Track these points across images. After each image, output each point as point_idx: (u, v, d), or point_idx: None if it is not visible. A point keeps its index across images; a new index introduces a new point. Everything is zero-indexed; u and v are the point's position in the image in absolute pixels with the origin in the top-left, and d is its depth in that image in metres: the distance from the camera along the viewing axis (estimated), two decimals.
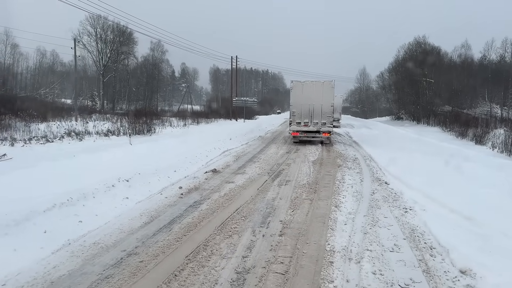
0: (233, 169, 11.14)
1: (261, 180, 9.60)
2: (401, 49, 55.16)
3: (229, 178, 9.71)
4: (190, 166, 10.86)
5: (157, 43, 67.73)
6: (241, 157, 13.55)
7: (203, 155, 12.82)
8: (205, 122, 38.60)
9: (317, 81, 17.88)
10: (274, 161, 12.89)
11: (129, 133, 15.79)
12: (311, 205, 7.23)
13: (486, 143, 22.71)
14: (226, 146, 15.67)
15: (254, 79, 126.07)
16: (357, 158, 13.91)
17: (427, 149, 16.88)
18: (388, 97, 65.16)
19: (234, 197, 7.75)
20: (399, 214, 6.85)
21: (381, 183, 9.58)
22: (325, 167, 11.72)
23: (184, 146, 14.54)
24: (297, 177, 10.08)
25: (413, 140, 21.54)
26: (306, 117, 17.84)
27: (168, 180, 9.03)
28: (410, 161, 13.12)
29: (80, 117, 32.50)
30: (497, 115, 50.76)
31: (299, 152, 15.33)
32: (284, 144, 18.29)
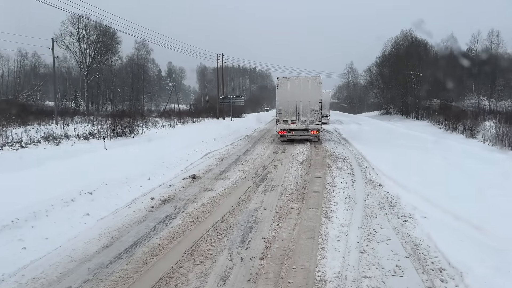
0: (215, 173, 10.24)
1: (245, 186, 8.72)
2: (388, 43, 54.68)
3: (209, 185, 8.81)
4: (167, 172, 9.92)
5: (141, 43, 66.36)
6: (225, 160, 12.64)
7: (183, 158, 11.88)
8: (191, 122, 37.59)
9: (304, 77, 17.03)
10: (260, 163, 12.02)
11: (104, 137, 14.76)
12: (298, 216, 6.36)
13: (476, 136, 22.20)
14: (210, 148, 14.75)
15: (242, 76, 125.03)
16: (348, 157, 13.10)
17: (419, 145, 16.19)
18: (376, 92, 64.71)
19: (212, 209, 6.85)
20: (398, 223, 6.02)
21: (375, 185, 8.77)
22: (314, 168, 10.88)
23: (164, 149, 13.58)
24: (284, 181, 9.22)
25: (404, 136, 20.86)
26: (293, 114, 16.99)
27: (140, 190, 8.09)
28: (404, 159, 12.37)
29: (61, 120, 31.28)
30: (484, 107, 50.59)
31: (287, 152, 14.48)
32: (271, 144, 17.43)
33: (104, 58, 60.40)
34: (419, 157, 12.76)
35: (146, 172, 9.36)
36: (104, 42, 58.95)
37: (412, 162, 11.61)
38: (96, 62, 59.24)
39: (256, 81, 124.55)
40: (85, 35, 57.98)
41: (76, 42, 57.64)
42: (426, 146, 15.87)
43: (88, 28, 57.82)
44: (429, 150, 14.75)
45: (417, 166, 10.85)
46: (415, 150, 14.42)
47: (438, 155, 13.26)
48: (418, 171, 10.09)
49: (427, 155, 13.34)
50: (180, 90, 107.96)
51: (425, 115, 41.51)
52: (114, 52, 61.99)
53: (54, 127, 26.32)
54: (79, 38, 57.67)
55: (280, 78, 17.11)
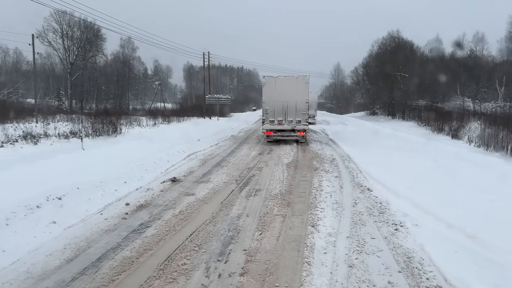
0: (197, 176, 9.76)
1: (227, 190, 8.27)
2: (375, 43, 54.80)
3: (190, 189, 8.33)
4: (146, 175, 9.40)
5: (127, 40, 65.21)
6: (208, 161, 12.17)
7: (164, 160, 11.37)
8: (176, 121, 36.94)
9: (291, 76, 16.65)
10: (245, 164, 11.58)
11: (81, 136, 14.12)
12: (283, 224, 5.95)
13: (462, 138, 22.20)
14: (193, 149, 14.24)
15: (229, 76, 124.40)
16: (335, 159, 12.76)
17: (407, 146, 15.97)
18: (363, 92, 64.83)
19: (190, 216, 6.38)
20: (389, 232, 5.66)
21: (363, 189, 8.42)
22: (300, 171, 10.49)
23: (145, 149, 13.05)
24: (269, 184, 8.80)
25: (391, 137, 20.68)
26: (280, 114, 16.59)
27: (114, 195, 7.57)
28: (392, 161, 12.08)
29: (43, 118, 30.37)
30: (469, 109, 51.05)
31: (273, 153, 14.07)
32: (257, 144, 17.00)
33: (88, 55, 59.07)
34: (407, 159, 12.49)
35: (123, 175, 8.83)
36: (88, 39, 57.65)
37: (400, 165, 11.31)
38: (80, 59, 57.89)
39: (243, 81, 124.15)
40: (68, 32, 56.58)
41: (60, 38, 56.20)
42: (413, 148, 15.66)
43: (72, 25, 56.40)
44: (417, 151, 14.53)
45: (406, 169, 10.55)
46: (403, 152, 14.19)
47: (426, 157, 13.03)
48: (407, 174, 9.78)
49: (415, 157, 13.10)
50: (167, 88, 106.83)
51: (411, 116, 41.64)
52: (99, 49, 60.71)
53: (34, 126, 25.51)
54: (62, 35, 56.20)
55: (267, 77, 16.70)
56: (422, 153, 14.20)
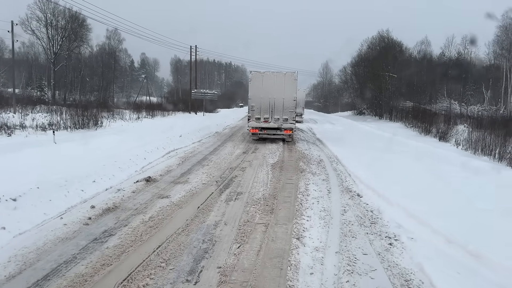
0: (174, 176, 9.05)
1: (206, 192, 7.59)
2: (364, 42, 54.51)
3: (165, 191, 7.63)
4: (118, 174, 8.65)
5: (113, 31, 63.63)
6: (189, 159, 11.46)
7: (141, 157, 10.61)
8: (161, 115, 36.06)
9: (279, 73, 16.01)
10: (227, 164, 10.91)
11: (53, 129, 13.24)
12: (265, 235, 5.31)
13: (449, 140, 21.96)
14: (174, 145, 13.50)
15: (217, 71, 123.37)
16: (322, 160, 12.19)
17: (396, 148, 15.50)
18: (351, 92, 64.65)
19: (161, 223, 5.70)
20: (382, 247, 5.07)
21: (352, 195, 7.84)
22: (286, 173, 9.88)
23: (122, 144, 12.28)
24: (252, 187, 8.15)
25: (379, 138, 20.25)
26: (266, 112, 15.95)
27: (80, 196, 6.82)
28: (381, 164, 11.55)
29: (22, 109, 29.21)
30: (455, 111, 51.28)
31: (258, 152, 13.43)
32: (242, 142, 16.34)
33: (72, 45, 57.35)
34: (397, 162, 11.99)
35: (93, 173, 8.07)
36: (73, 29, 55.95)
37: (390, 168, 10.79)
38: (64, 49, 56.16)
39: (231, 76, 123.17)
40: (53, 21, 54.81)
41: (44, 27, 54.42)
42: (402, 150, 15.19)
43: (56, 14, 54.65)
44: (406, 154, 14.06)
45: (397, 173, 10.03)
46: (392, 154, 13.70)
47: (416, 160, 12.57)
48: (399, 179, 9.25)
49: (404, 160, 12.62)
50: (153, 82, 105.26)
51: (398, 117, 41.49)
52: (84, 39, 59.01)
53: (12, 116, 24.45)
54: (46, 24, 54.43)
55: (254, 72, 16.03)
56: (411, 155, 13.73)
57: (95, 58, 64.80)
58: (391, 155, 13.55)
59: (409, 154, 14.20)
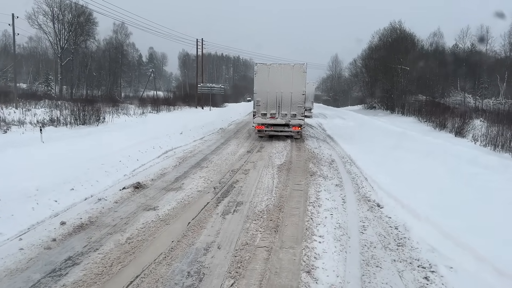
0: (167, 181, 8.01)
1: (201, 203, 6.54)
2: (376, 34, 52.84)
3: (153, 200, 6.59)
4: (103, 179, 7.64)
5: (120, 25, 62.89)
6: (187, 160, 10.42)
7: (133, 158, 9.59)
8: (167, 110, 35.22)
9: (286, 64, 14.84)
10: (229, 166, 9.85)
11: (40, 127, 12.28)
12: (266, 265, 4.24)
13: (466, 135, 20.69)
14: (173, 144, 12.48)
15: (225, 65, 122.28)
16: (334, 161, 11.06)
17: (413, 146, 14.26)
18: (361, 85, 63.04)
19: (140, 247, 4.65)
20: (417, 284, 3.97)
21: (371, 205, 6.73)
22: (294, 176, 8.78)
23: (117, 143, 11.26)
24: (254, 195, 7.08)
25: (393, 134, 18.99)
26: (273, 107, 14.84)
27: (51, 209, 5.81)
28: (400, 165, 10.39)
29: (26, 104, 28.60)
30: (469, 105, 49.54)
31: (263, 152, 12.35)
32: (247, 140, 15.26)
33: (79, 40, 56.69)
34: (416, 163, 10.83)
35: (73, 179, 7.06)
36: (80, 23, 55.28)
37: (411, 170, 9.63)
38: (71, 44, 55.56)
39: (239, 71, 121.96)
40: (59, 15, 54.16)
41: (50, 22, 53.87)
42: (420, 148, 13.97)
43: (62, 8, 54.00)
44: (425, 153, 12.86)
45: (419, 176, 8.87)
46: (410, 154, 12.51)
47: (437, 160, 11.39)
48: (422, 183, 8.11)
49: (425, 160, 11.44)
50: (161, 76, 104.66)
51: (411, 111, 40.05)
52: (90, 34, 58.32)
53: (13, 111, 23.79)
54: (53, 18, 53.86)
55: (259, 64, 14.90)
56: (430, 154, 12.53)
57: (102, 52, 64.19)
58: (409, 154, 12.38)
59: (428, 152, 12.99)
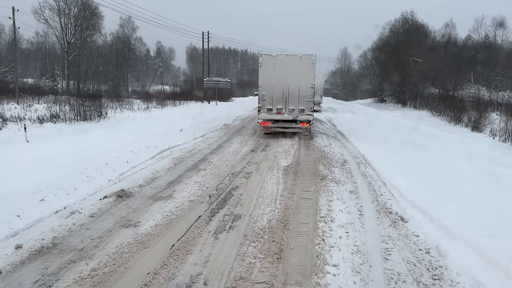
0: (157, 187, 7.03)
1: (191, 217, 5.54)
2: (387, 25, 51.20)
3: (136, 213, 5.60)
4: (83, 186, 6.67)
5: (127, 19, 62.15)
6: (184, 161, 9.42)
7: (123, 159, 8.62)
8: (172, 105, 34.34)
9: (294, 55, 13.72)
10: (229, 168, 8.84)
11: (24, 125, 11.36)
12: None
13: (483, 130, 19.51)
14: (170, 142, 11.51)
15: (233, 59, 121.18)
16: (347, 161, 9.99)
17: (432, 143, 13.12)
18: (371, 78, 61.47)
19: (107, 282, 3.67)
20: None
21: (394, 219, 5.67)
22: (301, 181, 7.74)
23: (109, 141, 10.32)
24: (255, 206, 6.06)
25: (409, 129, 17.83)
26: (279, 102, 13.76)
27: (9, 226, 4.83)
28: (421, 166, 9.27)
29: (29, 99, 27.98)
30: (484, 97, 47.85)
31: (268, 151, 11.32)
32: (252, 137, 14.23)
33: (84, 34, 56.04)
34: (438, 162, 9.72)
35: (46, 187, 6.10)
36: (86, 17, 54.63)
37: (433, 172, 8.52)
38: (77, 38, 54.98)
39: (247, 64, 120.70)
40: (65, 9, 53.53)
41: (56, 16, 53.34)
42: (439, 145, 12.83)
43: (68, 2, 53.34)
44: (445, 150, 11.73)
45: (444, 180, 7.77)
46: (429, 152, 11.38)
47: (460, 159, 10.27)
48: (449, 189, 7.02)
49: (446, 158, 10.33)
50: (169, 71, 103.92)
51: (423, 104, 38.66)
52: (96, 28, 57.63)
53: (14, 107, 23.10)
54: (59, 12, 53.32)
55: (264, 56, 13.80)
56: (452, 152, 11.40)
57: (109, 47, 63.57)
58: (429, 152, 11.25)
59: (449, 150, 11.87)
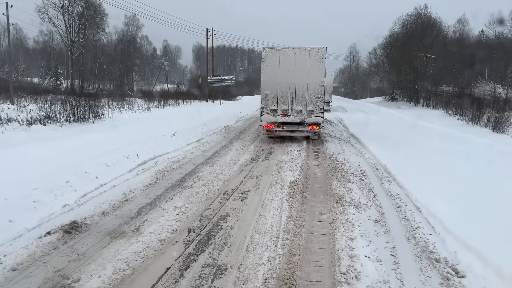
0: (123, 216, 5.40)
1: (154, 270, 3.88)
2: (398, 21, 49.12)
3: (79, 263, 3.97)
4: (24, 216, 5.02)
5: (131, 17, 61.11)
6: (168, 175, 7.80)
7: (92, 174, 6.99)
8: (175, 104, 32.94)
9: (301, 49, 11.99)
10: (222, 184, 7.20)
11: None
12: None
13: (506, 131, 17.78)
14: (157, 149, 9.90)
15: (240, 57, 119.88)
16: (365, 174, 8.29)
17: (460, 149, 11.31)
18: (382, 76, 59.40)
19: None
20: None
21: (444, 274, 3.95)
22: (311, 205, 6.06)
23: (84, 150, 8.76)
24: (248, 250, 4.39)
25: (429, 132, 15.99)
26: (284, 102, 12.09)
27: None
28: (460, 181, 7.50)
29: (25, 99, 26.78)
30: (500, 95, 45.60)
31: (272, 160, 9.65)
32: (254, 142, 12.59)
33: (88, 32, 54.99)
34: (477, 175, 7.99)
35: None
36: (90, 15, 53.60)
37: (479, 190, 6.76)
38: (81, 36, 53.97)
39: (254, 63, 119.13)
40: (69, 7, 52.53)
41: (60, 14, 52.36)
42: (470, 152, 11.03)
43: (72, 0, 52.29)
44: (481, 158, 9.94)
45: (496, 202, 6.03)
46: (461, 160, 9.64)
47: (503, 170, 8.55)
48: (501, 214, 5.31)
49: (487, 170, 8.58)
50: (176, 69, 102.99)
51: (437, 102, 36.70)
52: (100, 26, 56.59)
53: (7, 107, 21.80)
54: (63, 10, 52.33)
55: (268, 50, 12.12)
56: (490, 161, 9.63)
57: (114, 46, 62.58)
58: (462, 161, 9.50)
59: (486, 158, 10.06)
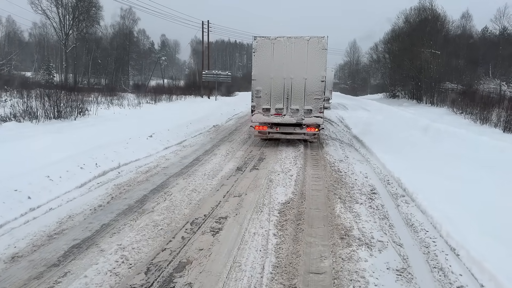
0: (40, 263, 3.76)
1: None
2: (401, 15, 47.40)
3: None
4: None
5: (127, 10, 59.37)
6: (128, 192, 6.16)
7: (24, 193, 5.32)
8: (167, 100, 31.36)
9: (299, 38, 10.27)
10: (193, 207, 5.56)
11: None
12: None
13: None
14: (125, 156, 8.26)
15: (239, 52, 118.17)
16: (376, 191, 6.66)
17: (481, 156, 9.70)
18: (383, 72, 57.70)
19: None
20: None
21: None
22: (308, 243, 4.42)
23: (38, 157, 7.13)
24: None
25: (442, 133, 14.37)
26: (279, 100, 10.44)
27: None
28: (493, 198, 5.94)
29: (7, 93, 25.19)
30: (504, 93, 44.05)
31: (261, 169, 8.03)
32: (243, 145, 10.96)
33: (82, 25, 53.28)
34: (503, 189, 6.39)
35: None
36: (84, 7, 51.89)
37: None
38: (75, 30, 52.25)
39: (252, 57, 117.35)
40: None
41: (54, 6, 50.61)
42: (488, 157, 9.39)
43: None
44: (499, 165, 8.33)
45: None
46: (483, 171, 8.02)
47: None
48: None
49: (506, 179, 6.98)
50: (174, 64, 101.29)
51: (442, 100, 35.07)
52: (95, 19, 54.84)
53: None
54: (57, 3, 50.55)
55: (260, 38, 10.42)
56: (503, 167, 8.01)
57: (109, 40, 60.94)
58: (486, 172, 7.87)
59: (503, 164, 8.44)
